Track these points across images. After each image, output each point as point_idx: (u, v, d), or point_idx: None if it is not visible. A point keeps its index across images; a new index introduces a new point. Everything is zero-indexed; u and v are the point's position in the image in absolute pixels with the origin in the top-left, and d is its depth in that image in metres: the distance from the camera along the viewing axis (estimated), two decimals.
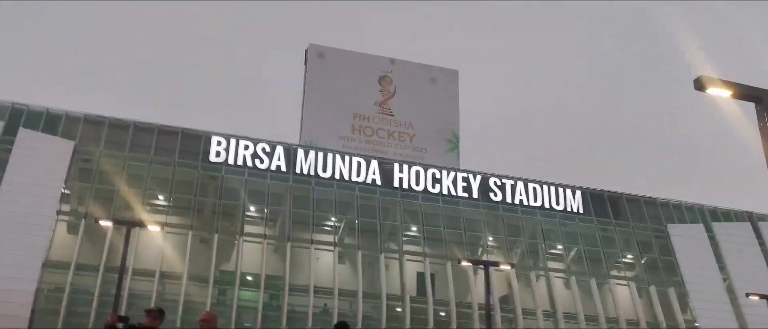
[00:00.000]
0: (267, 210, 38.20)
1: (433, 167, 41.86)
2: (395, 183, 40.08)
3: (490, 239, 40.77)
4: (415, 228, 40.04)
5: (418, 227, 39.88)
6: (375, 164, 40.38)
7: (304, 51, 50.45)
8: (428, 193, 40.43)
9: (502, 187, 41.81)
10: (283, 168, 38.48)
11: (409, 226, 39.99)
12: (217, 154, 37.74)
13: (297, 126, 47.92)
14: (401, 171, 40.55)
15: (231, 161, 37.72)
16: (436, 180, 40.93)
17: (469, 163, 47.51)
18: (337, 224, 38.86)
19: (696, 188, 70.03)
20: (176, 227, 35.63)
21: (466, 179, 41.52)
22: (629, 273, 42.67)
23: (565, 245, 41.81)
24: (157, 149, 37.59)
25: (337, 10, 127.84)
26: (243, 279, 35.16)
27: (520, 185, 42.23)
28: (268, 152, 38.69)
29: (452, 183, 41.06)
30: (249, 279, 35.64)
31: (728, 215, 46.01)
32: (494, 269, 34.51)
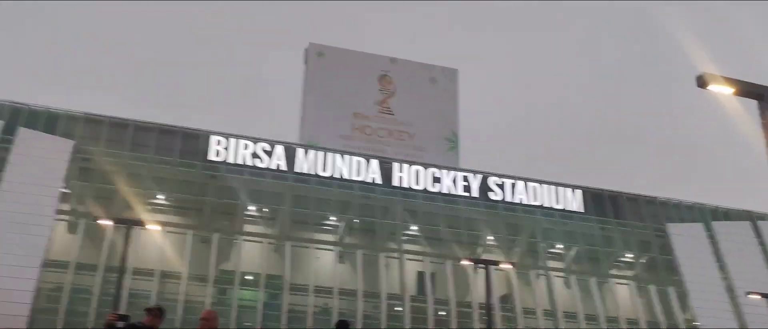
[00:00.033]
0: (267, 209, 38.20)
1: (433, 166, 41.80)
2: (395, 182, 40.04)
3: (489, 238, 40.72)
4: (414, 227, 40.01)
5: (418, 227, 39.87)
6: (375, 164, 40.33)
7: (304, 50, 50.41)
8: (428, 192, 40.39)
9: (502, 186, 41.75)
10: (283, 167, 38.42)
11: (409, 225, 39.94)
12: (217, 153, 37.69)
13: (297, 125, 47.96)
14: (401, 170, 40.50)
15: (231, 160, 37.68)
16: (436, 179, 40.87)
17: (469, 162, 47.53)
18: (337, 223, 38.85)
19: (696, 188, 70.01)
20: (176, 226, 35.62)
21: (465, 179, 41.46)
22: (629, 272, 42.69)
23: (565, 245, 41.80)
24: (157, 148, 37.54)
25: (337, 9, 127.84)
26: (243, 278, 35.16)
27: (520, 184, 42.17)
28: (268, 151, 38.63)
29: (452, 182, 41.01)
30: (249, 278, 35.63)
31: (728, 215, 46.00)
32: (494, 268, 34.47)
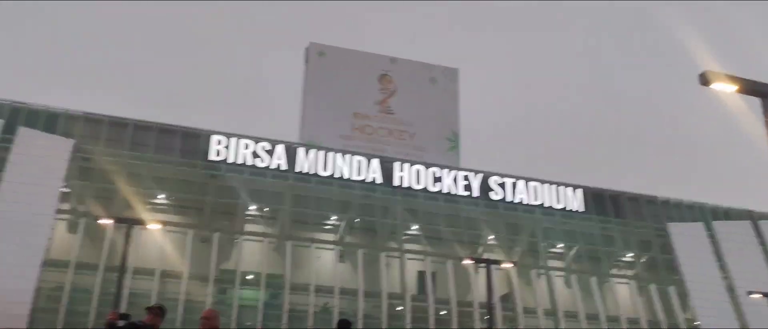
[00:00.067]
0: (267, 209, 38.14)
1: (434, 165, 41.74)
2: (395, 182, 39.98)
3: (490, 237, 40.67)
4: (415, 227, 39.97)
5: (419, 226, 39.83)
6: (375, 163, 40.27)
7: (305, 50, 50.36)
8: (428, 192, 40.33)
9: (503, 186, 41.68)
10: (284, 167, 38.36)
11: (410, 225, 39.90)
12: (218, 153, 37.64)
13: (297, 125, 47.91)
14: (401, 170, 40.44)
15: (231, 159, 37.61)
16: (437, 179, 40.81)
17: (469, 162, 47.49)
18: (337, 222, 38.80)
19: (696, 187, 69.90)
20: (176, 225, 35.54)
21: (466, 178, 41.40)
22: (630, 272, 42.68)
23: (565, 244, 41.77)
24: (158, 147, 37.51)
25: (337, 9, 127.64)
26: (243, 277, 35.12)
27: (521, 183, 42.11)
28: (269, 150, 38.57)
29: (453, 182, 40.95)
30: (249, 277, 35.58)
31: (728, 214, 45.97)
32: (495, 267, 34.40)
